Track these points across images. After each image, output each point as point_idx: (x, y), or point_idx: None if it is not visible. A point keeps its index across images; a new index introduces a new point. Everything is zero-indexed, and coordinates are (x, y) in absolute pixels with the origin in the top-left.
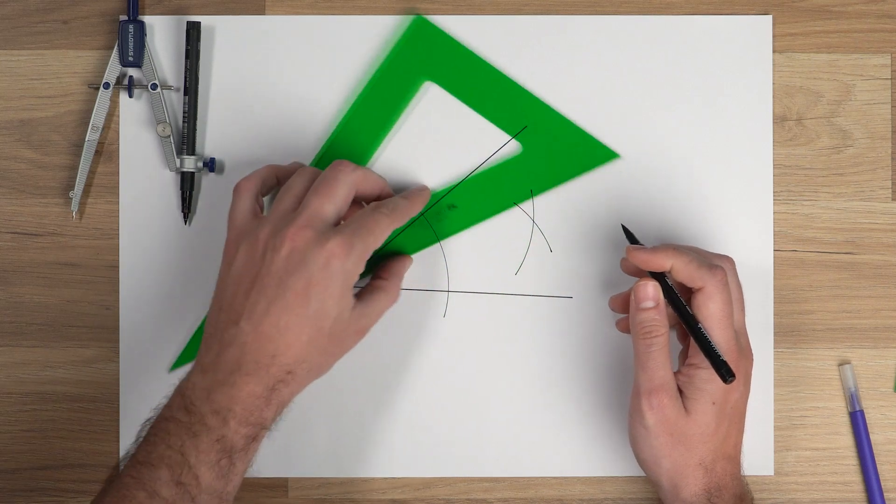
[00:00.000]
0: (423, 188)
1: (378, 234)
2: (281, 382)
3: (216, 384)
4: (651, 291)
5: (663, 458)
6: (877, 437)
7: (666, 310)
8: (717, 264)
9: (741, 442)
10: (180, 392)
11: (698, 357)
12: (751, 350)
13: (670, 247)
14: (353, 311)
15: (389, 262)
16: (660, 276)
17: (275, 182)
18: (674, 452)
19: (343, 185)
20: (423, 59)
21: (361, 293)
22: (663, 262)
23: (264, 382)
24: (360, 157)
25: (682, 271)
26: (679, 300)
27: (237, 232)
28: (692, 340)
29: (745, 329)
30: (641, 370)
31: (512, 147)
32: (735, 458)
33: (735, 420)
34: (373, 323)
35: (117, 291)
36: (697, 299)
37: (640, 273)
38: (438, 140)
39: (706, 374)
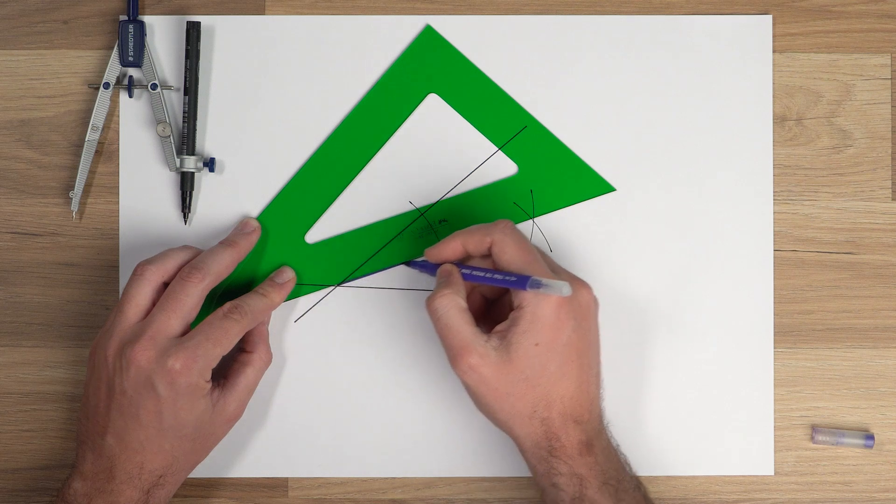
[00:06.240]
0: (285, 280)
1: (226, 344)
2: (155, 486)
3: (95, 491)
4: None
5: (497, 411)
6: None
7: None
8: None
9: (588, 383)
10: (63, 498)
11: (519, 297)
12: (586, 288)
13: (455, 233)
14: (216, 408)
15: (252, 332)
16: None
17: (176, 269)
18: (505, 404)
19: (190, 299)
20: (428, 69)
21: (228, 375)
22: (455, 246)
23: (139, 487)
24: (355, 162)
25: (470, 240)
26: (482, 270)
27: (103, 334)
28: (512, 292)
29: (564, 269)
30: (442, 340)
31: (508, 168)
32: (577, 400)
33: (571, 358)
34: (244, 402)
35: (117, 291)
36: (495, 250)
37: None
38: (435, 152)
39: (529, 314)
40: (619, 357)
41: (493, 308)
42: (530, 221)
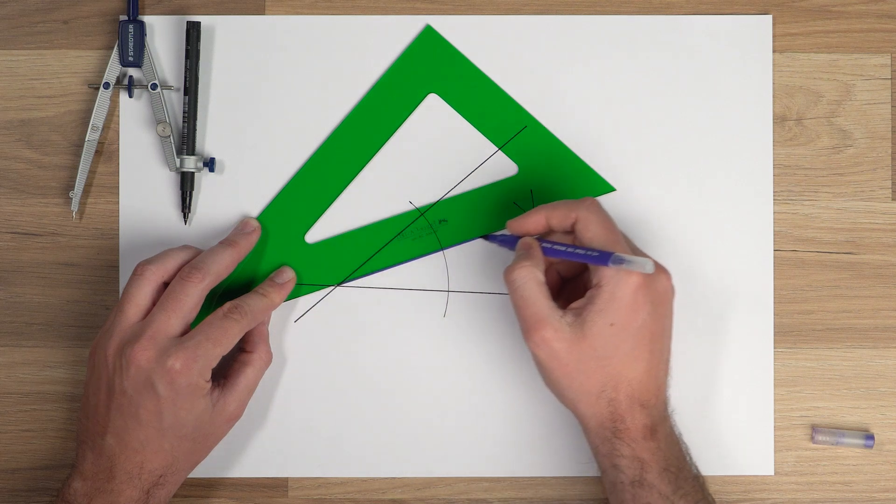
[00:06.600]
0: (285, 280)
1: (226, 344)
2: (155, 486)
3: (96, 491)
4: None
5: (565, 388)
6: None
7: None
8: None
9: (657, 368)
10: (63, 498)
11: (599, 275)
12: (665, 274)
13: (539, 206)
14: (216, 408)
15: (252, 332)
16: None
17: (176, 269)
18: (574, 381)
19: (190, 298)
20: (428, 69)
21: (228, 375)
22: (538, 219)
23: (139, 487)
24: (355, 162)
25: (554, 214)
26: (564, 245)
27: (103, 334)
28: (591, 268)
29: (645, 253)
30: (517, 312)
31: (508, 168)
32: (645, 384)
33: (644, 342)
34: (244, 403)
35: (117, 291)
36: (578, 227)
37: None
38: (435, 152)
39: (607, 294)
40: None
41: (568, 287)
42: None
